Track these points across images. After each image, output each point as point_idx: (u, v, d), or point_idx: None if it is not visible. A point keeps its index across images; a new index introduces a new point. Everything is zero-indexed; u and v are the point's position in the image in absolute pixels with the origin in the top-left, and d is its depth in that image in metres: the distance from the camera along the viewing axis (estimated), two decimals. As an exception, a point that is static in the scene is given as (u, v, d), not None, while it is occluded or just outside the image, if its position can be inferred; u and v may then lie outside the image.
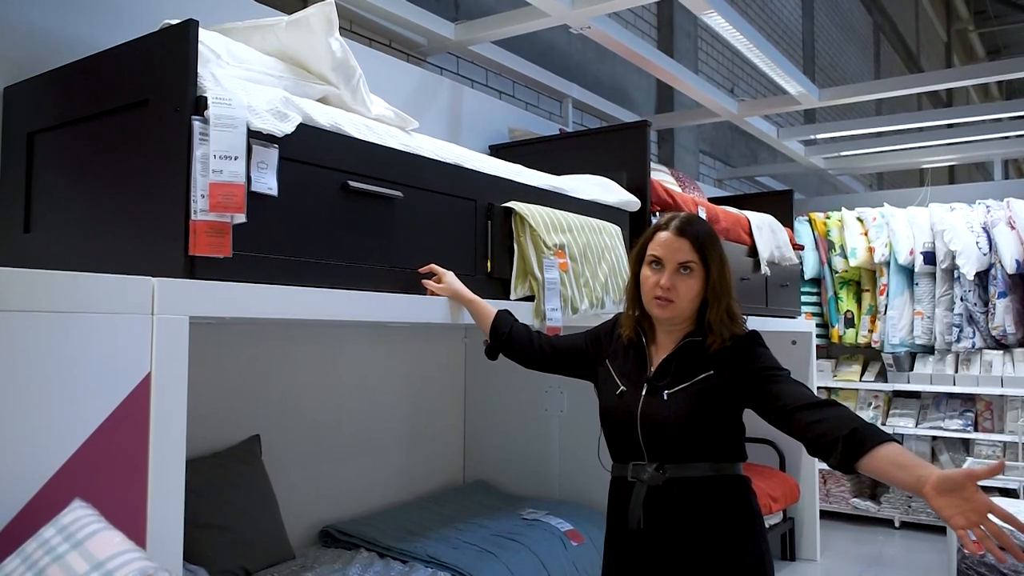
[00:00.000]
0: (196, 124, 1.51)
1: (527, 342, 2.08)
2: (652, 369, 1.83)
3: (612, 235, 2.66)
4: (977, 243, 5.14)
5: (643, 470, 1.76)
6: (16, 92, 1.95)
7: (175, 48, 1.56)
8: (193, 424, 1.40)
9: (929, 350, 5.57)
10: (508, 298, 2.29)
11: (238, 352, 2.61)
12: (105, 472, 1.27)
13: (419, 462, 3.39)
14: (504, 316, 2.11)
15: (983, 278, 5.24)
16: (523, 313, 2.23)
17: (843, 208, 5.90)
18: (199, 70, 1.56)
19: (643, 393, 1.79)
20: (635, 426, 1.77)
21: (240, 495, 2.41)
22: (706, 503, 1.73)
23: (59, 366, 1.23)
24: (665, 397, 1.76)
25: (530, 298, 2.31)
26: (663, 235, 1.81)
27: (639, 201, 2.93)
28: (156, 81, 1.59)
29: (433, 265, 2.06)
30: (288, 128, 1.65)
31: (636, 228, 2.89)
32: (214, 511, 2.28)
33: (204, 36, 1.62)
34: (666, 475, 1.74)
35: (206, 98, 1.52)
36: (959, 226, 5.19)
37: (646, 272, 1.82)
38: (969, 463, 4.17)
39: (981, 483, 1.38)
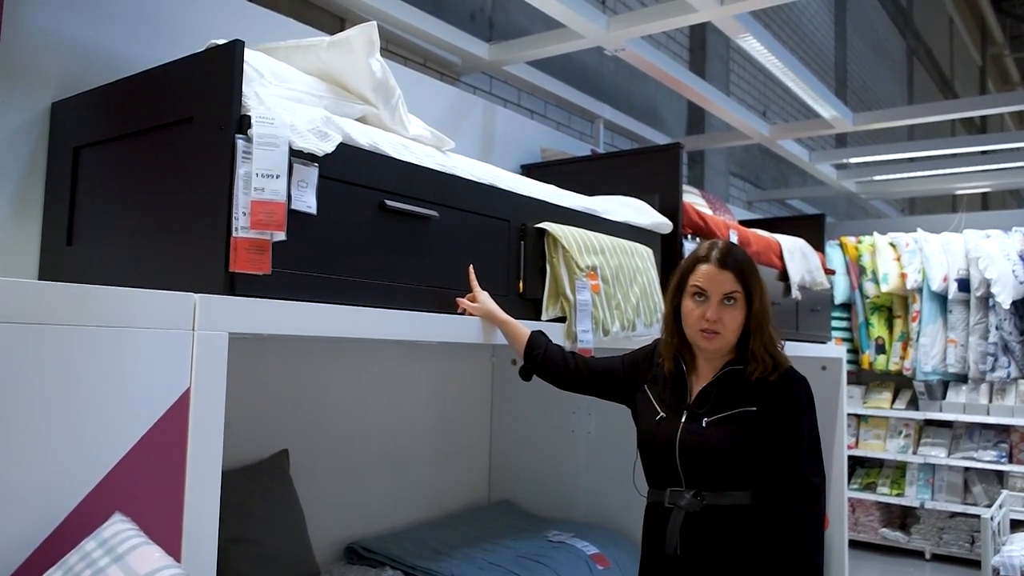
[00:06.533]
0: (239, 142, 1.52)
1: (562, 363, 2.07)
2: (692, 397, 1.82)
3: (644, 257, 2.66)
4: (1013, 271, 5.07)
5: (681, 496, 1.76)
6: (63, 107, 1.99)
7: (221, 67, 1.59)
8: (224, 437, 1.41)
9: (962, 379, 5.48)
10: (539, 319, 2.29)
11: (268, 366, 2.63)
12: (143, 486, 1.28)
13: (445, 480, 3.39)
14: (538, 337, 2.10)
15: (1019, 307, 5.16)
16: (554, 334, 2.23)
17: (875, 233, 5.85)
18: (243, 89, 1.59)
19: (683, 420, 1.79)
20: (674, 453, 1.77)
21: (268, 509, 2.42)
22: (742, 530, 1.72)
23: (102, 380, 1.25)
24: (704, 425, 1.75)
25: (561, 319, 2.31)
26: (705, 267, 1.82)
27: (671, 223, 2.92)
28: (201, 99, 1.62)
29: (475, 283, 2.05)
30: (329, 147, 1.67)
31: (667, 250, 2.88)
32: (242, 525, 2.29)
33: (248, 55, 1.64)
34: (704, 502, 1.73)
35: (250, 117, 1.54)
36: (995, 253, 5.12)
37: (689, 304, 1.82)
38: (1004, 496, 4.08)
39: (1016, 516, 1.37)
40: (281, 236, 1.55)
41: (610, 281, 2.43)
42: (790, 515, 1.69)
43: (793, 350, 3.68)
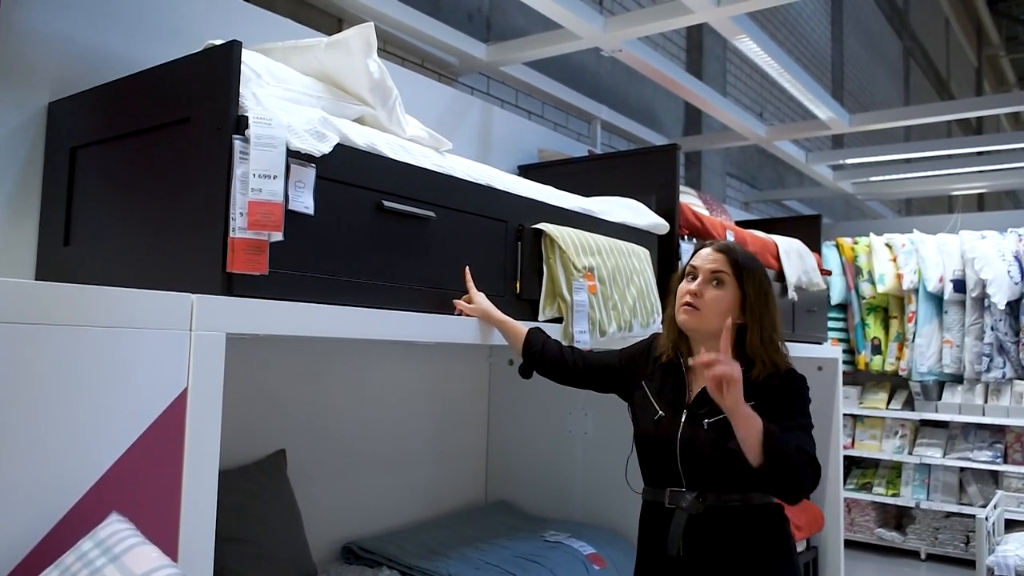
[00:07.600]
0: (237, 143, 1.52)
1: (559, 358, 2.08)
2: (692, 396, 1.83)
3: (641, 258, 2.66)
4: (1008, 272, 5.08)
5: (682, 497, 1.76)
6: (60, 107, 1.99)
7: (218, 68, 1.59)
8: (221, 437, 1.41)
9: (958, 379, 5.50)
10: (536, 319, 2.29)
11: (265, 366, 2.63)
12: (140, 485, 1.28)
13: (442, 480, 3.39)
14: (535, 335, 2.11)
15: (1014, 308, 5.18)
16: (551, 334, 2.23)
17: (871, 234, 5.86)
18: (240, 89, 1.59)
19: (683, 420, 1.79)
20: (674, 453, 1.77)
21: (265, 509, 2.42)
22: (744, 531, 1.73)
23: (99, 380, 1.25)
24: (706, 426, 1.75)
25: (558, 319, 2.31)
26: (703, 251, 1.88)
27: (668, 224, 2.93)
28: (199, 100, 1.62)
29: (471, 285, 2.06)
30: (326, 148, 1.67)
31: (664, 251, 2.88)
32: (239, 524, 2.29)
33: (245, 56, 1.64)
34: (706, 503, 1.74)
35: (247, 117, 1.55)
36: (990, 254, 5.14)
37: (682, 285, 1.86)
38: (999, 497, 4.09)
39: (1010, 516, 1.37)
40: (278, 237, 1.55)
41: (607, 282, 2.44)
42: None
43: (790, 351, 3.68)
